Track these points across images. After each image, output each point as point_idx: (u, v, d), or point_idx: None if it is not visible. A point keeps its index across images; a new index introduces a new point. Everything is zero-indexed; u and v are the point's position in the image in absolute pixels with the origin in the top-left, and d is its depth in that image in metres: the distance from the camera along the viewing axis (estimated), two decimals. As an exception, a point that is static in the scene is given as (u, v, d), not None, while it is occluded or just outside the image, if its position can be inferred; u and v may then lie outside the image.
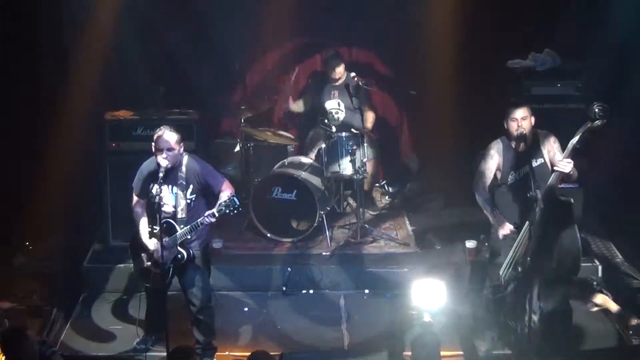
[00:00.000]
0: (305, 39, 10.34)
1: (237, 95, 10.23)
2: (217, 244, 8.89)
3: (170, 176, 7.30)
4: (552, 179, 6.98)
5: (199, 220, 7.18)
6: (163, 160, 7.18)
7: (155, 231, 7.26)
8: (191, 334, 7.56)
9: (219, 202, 7.15)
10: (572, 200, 7.04)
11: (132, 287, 8.47)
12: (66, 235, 9.09)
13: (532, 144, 7.22)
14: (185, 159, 7.36)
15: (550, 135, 7.29)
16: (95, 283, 8.71)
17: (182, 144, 7.31)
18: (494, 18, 9.52)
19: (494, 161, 7.38)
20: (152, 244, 7.32)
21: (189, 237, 7.27)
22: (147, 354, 7.58)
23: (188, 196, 7.31)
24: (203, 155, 8.97)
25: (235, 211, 7.11)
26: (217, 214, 7.13)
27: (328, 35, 10.25)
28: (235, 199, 7.09)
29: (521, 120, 7.17)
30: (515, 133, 7.20)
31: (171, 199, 7.31)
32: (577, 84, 8.92)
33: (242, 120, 9.61)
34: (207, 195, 7.42)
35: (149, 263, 7.43)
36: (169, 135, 7.22)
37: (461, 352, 7.57)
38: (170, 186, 7.30)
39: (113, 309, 8.46)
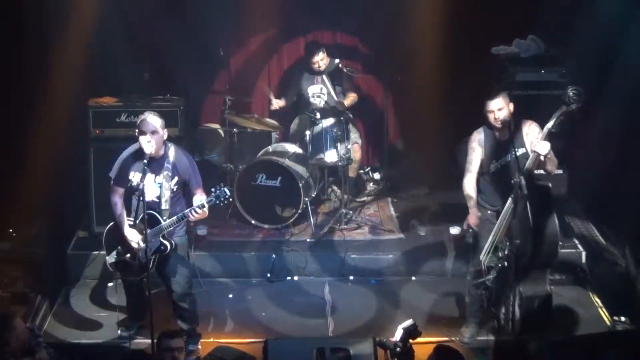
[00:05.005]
0: (290, 22, 10.29)
1: (221, 81, 10.19)
2: (201, 231, 8.89)
3: (155, 165, 7.19)
4: (529, 161, 6.95)
5: (186, 211, 7.08)
6: (147, 145, 7.05)
7: (137, 222, 7.15)
8: (175, 322, 7.52)
9: (211, 193, 7.01)
10: (550, 185, 7.06)
11: (116, 274, 8.44)
12: (50, 222, 9.05)
13: (514, 133, 7.18)
14: (173, 150, 7.26)
15: (534, 125, 7.24)
16: (80, 270, 8.68)
17: (165, 130, 7.22)
18: (479, 4, 9.51)
19: (476, 153, 7.37)
20: (134, 235, 7.21)
21: (171, 228, 7.19)
22: (132, 341, 7.56)
23: (172, 187, 7.24)
24: (187, 141, 9.02)
25: (226, 202, 7.03)
26: (206, 205, 7.01)
27: (312, 19, 10.25)
28: (226, 190, 6.97)
29: (497, 111, 7.14)
30: (493, 123, 7.20)
31: (154, 188, 7.21)
32: (561, 70, 8.94)
33: (227, 107, 9.57)
34: (184, 190, 7.36)
35: (127, 255, 7.33)
36: (153, 119, 7.12)
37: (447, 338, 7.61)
38: (153, 176, 7.21)
39: (97, 296, 8.45)
